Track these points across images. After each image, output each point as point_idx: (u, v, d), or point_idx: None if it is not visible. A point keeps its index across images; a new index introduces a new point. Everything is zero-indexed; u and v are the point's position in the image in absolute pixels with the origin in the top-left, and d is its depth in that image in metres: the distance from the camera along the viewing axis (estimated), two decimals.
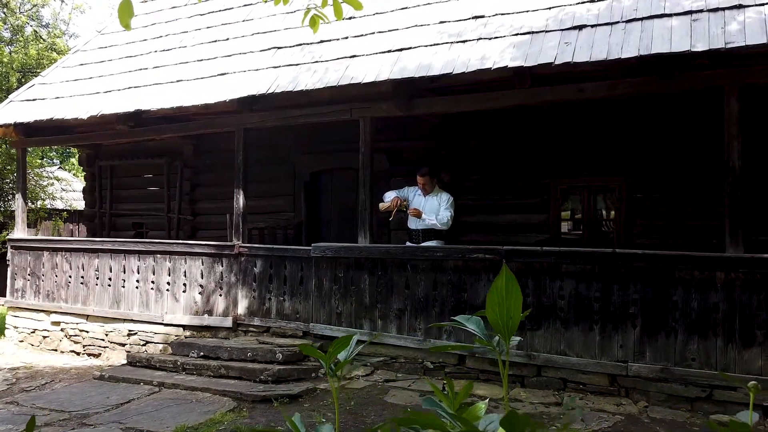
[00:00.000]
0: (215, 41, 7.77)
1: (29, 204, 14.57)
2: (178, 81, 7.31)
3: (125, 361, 6.41)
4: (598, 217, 6.73)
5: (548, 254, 5.24)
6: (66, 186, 17.02)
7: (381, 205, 6.28)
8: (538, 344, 5.26)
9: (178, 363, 5.92)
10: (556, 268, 5.22)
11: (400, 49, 5.90)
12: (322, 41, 6.63)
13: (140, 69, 7.98)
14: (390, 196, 6.35)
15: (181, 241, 7.65)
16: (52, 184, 15.21)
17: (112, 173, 9.97)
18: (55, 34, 17.68)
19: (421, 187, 6.22)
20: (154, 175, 9.68)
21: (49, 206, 15.46)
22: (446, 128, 7.28)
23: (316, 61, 6.39)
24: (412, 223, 6.25)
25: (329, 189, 8.42)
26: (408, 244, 6.30)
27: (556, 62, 4.90)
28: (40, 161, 16.44)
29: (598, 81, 5.24)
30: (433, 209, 6.16)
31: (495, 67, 5.14)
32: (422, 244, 6.11)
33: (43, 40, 17.19)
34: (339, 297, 6.18)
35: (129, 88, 7.65)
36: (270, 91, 6.25)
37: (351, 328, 6.10)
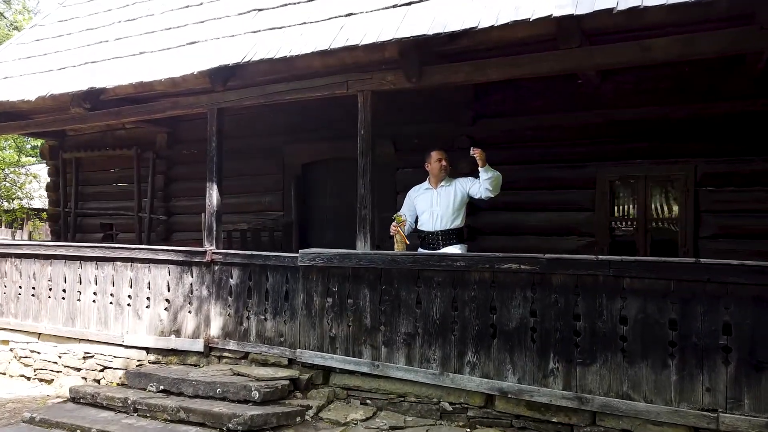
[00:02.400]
0: (187, 6, 6.54)
1: (4, 204, 13.41)
2: (140, 53, 6.08)
3: (68, 396, 5.17)
4: (656, 215, 5.43)
5: (605, 265, 3.97)
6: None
7: (391, 229, 5.03)
8: (592, 384, 3.99)
9: (129, 401, 4.67)
10: (616, 283, 3.95)
11: (409, 3, 4.64)
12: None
13: (100, 42, 6.75)
14: (402, 211, 5.11)
15: (144, 247, 6.41)
16: (30, 182, 14.02)
17: (77, 167, 8.76)
18: (17, 10, 16.38)
19: (437, 168, 4.93)
20: (123, 169, 8.44)
21: (27, 206, 14.28)
22: (465, 106, 6.01)
23: (304, 23, 5.14)
24: (427, 224, 4.98)
25: (324, 184, 7.15)
26: (420, 250, 5.04)
27: (619, 7, 3.63)
28: (17, 157, 15.23)
29: (670, 35, 3.95)
30: (448, 202, 4.90)
31: (534, 18, 3.87)
32: (441, 251, 4.84)
33: (4, 17, 15.87)
34: (333, 316, 4.93)
35: (85, 63, 6.42)
36: (246, 60, 5.01)
37: (347, 356, 4.84)
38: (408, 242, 4.92)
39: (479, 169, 4.75)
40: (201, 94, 5.77)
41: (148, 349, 5.87)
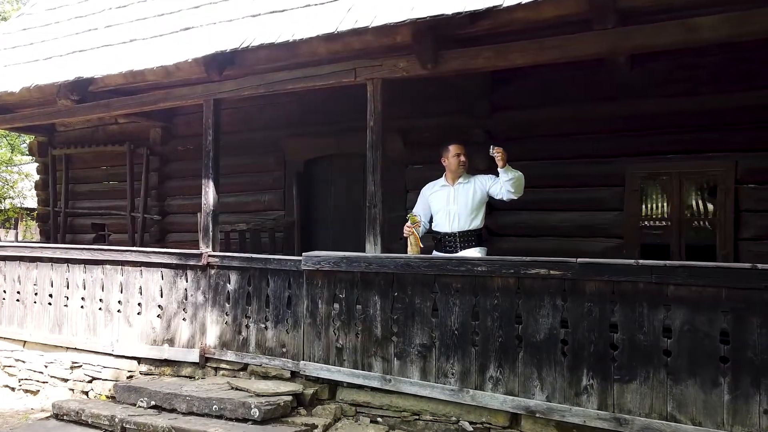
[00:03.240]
0: None
1: None
2: (131, 41, 5.66)
3: (52, 412, 4.75)
4: (691, 215, 4.99)
5: (647, 270, 3.55)
6: None
7: (404, 230, 4.62)
8: (632, 403, 3.57)
9: (117, 420, 4.25)
10: (658, 291, 3.53)
11: None
12: None
13: (89, 30, 6.33)
14: (416, 211, 4.69)
15: (135, 249, 6.00)
16: (22, 180, 13.58)
17: (67, 164, 8.32)
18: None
19: (455, 163, 4.51)
20: (115, 166, 8.00)
21: (19, 205, 13.84)
22: (481, 96, 5.58)
23: (308, 5, 4.72)
24: (444, 224, 4.56)
25: (329, 181, 6.72)
26: (435, 253, 4.61)
27: None
28: (9, 155, 14.79)
29: (716, 14, 3.52)
30: (467, 200, 4.48)
31: None
32: (459, 254, 4.42)
33: None
34: (340, 326, 4.51)
35: (73, 52, 6.00)
36: (245, 46, 4.58)
37: (356, 369, 4.42)
38: (422, 245, 4.49)
39: (499, 169, 4.32)
40: (196, 84, 5.35)
41: (139, 359, 5.45)
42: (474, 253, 4.45)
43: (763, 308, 3.29)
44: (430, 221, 4.69)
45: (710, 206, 4.84)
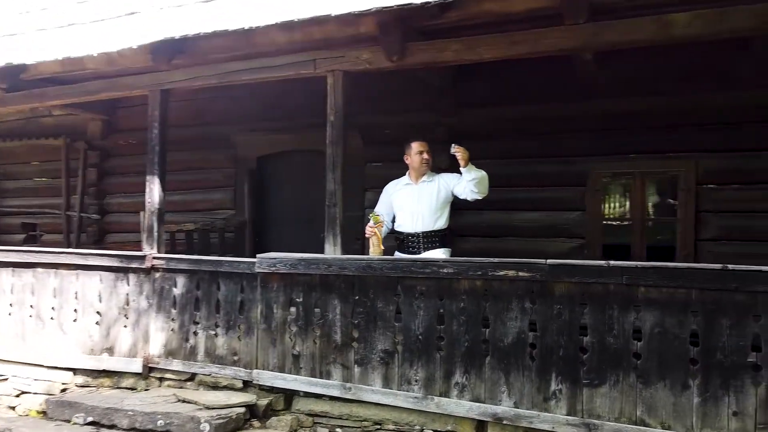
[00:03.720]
0: None
1: None
2: (69, 25, 5.22)
3: None
4: (654, 215, 4.99)
5: (617, 272, 3.47)
6: None
7: (366, 230, 4.40)
8: (602, 407, 3.48)
9: None
10: (629, 293, 3.45)
11: None
12: None
13: (22, 13, 5.83)
14: (378, 210, 4.49)
15: (71, 251, 5.56)
16: None
17: None
18: None
19: (418, 161, 4.33)
20: (49, 161, 7.44)
21: None
22: (444, 93, 5.44)
23: None
24: (407, 224, 4.38)
25: (283, 179, 6.43)
26: (398, 254, 4.42)
27: None
28: None
29: (690, 11, 3.48)
30: (431, 199, 4.31)
31: None
32: (422, 255, 4.25)
33: None
34: (297, 331, 4.26)
35: (2, 37, 5.50)
36: (196, 33, 4.26)
37: (314, 378, 4.19)
38: (383, 247, 4.30)
39: (461, 168, 4.17)
40: (142, 73, 4.99)
41: (75, 370, 5.02)
42: (438, 254, 4.29)
43: (732, 309, 3.25)
44: (393, 221, 4.50)
45: (672, 206, 4.85)
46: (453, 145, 4.14)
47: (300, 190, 6.28)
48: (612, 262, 3.52)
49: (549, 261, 3.63)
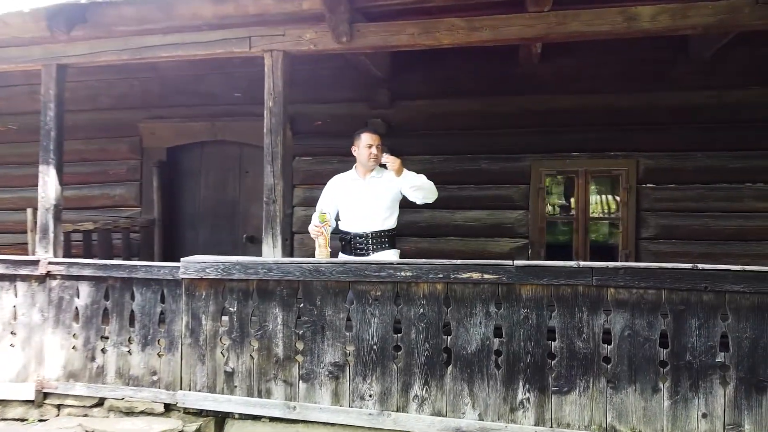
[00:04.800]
0: None
1: None
2: None
3: None
4: (597, 214, 4.96)
5: (587, 273, 3.32)
6: None
7: (311, 230, 3.93)
8: (571, 416, 3.32)
9: None
10: (598, 295, 3.32)
11: None
12: None
13: None
14: (321, 207, 4.04)
15: None
16: None
17: None
18: None
19: (366, 155, 3.93)
20: None
21: None
22: (381, 84, 5.10)
23: None
24: (354, 223, 3.98)
25: (198, 172, 5.78)
26: (343, 257, 4.02)
27: None
28: None
29: (656, 4, 3.40)
30: (381, 197, 3.95)
31: None
32: (372, 257, 3.88)
33: None
34: (230, 345, 3.74)
35: None
36: None
37: (251, 397, 3.70)
38: (330, 249, 3.89)
39: (396, 177, 3.84)
40: (34, 44, 4.19)
41: None
42: (389, 255, 3.95)
43: (701, 309, 3.21)
44: (336, 219, 4.10)
45: (613, 205, 4.85)
46: (384, 155, 3.84)
47: (218, 186, 5.67)
48: (582, 263, 3.36)
49: (516, 262, 3.41)
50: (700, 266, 3.24)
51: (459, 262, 3.49)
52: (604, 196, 5.05)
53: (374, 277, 3.55)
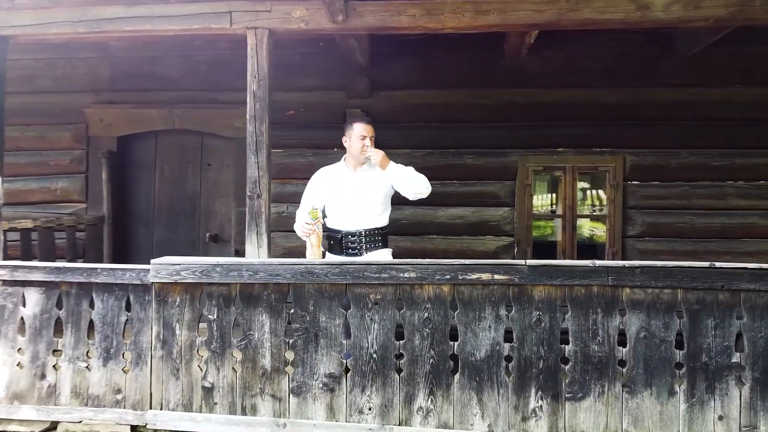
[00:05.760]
0: None
1: None
2: None
3: None
4: (584, 212, 4.85)
5: (603, 272, 3.16)
6: None
7: (300, 228, 3.58)
8: (585, 423, 3.15)
9: None
10: (613, 295, 3.17)
11: None
12: None
13: None
14: (303, 205, 3.70)
15: None
16: None
17: None
18: None
19: (358, 147, 3.60)
20: None
21: None
22: (360, 72, 4.79)
23: None
24: (345, 221, 3.64)
25: (153, 165, 5.25)
26: (332, 257, 3.69)
27: None
28: None
29: None
30: (374, 192, 3.65)
31: None
32: (366, 258, 3.58)
33: None
34: (209, 357, 3.34)
35: None
36: None
37: (234, 415, 3.32)
38: (323, 249, 3.56)
39: (382, 171, 3.57)
40: None
41: None
42: (383, 255, 3.66)
43: (717, 309, 3.12)
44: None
45: (600, 202, 4.77)
46: (367, 148, 3.56)
47: (175, 180, 5.17)
48: (598, 262, 3.20)
49: (528, 262, 3.21)
50: (717, 264, 3.15)
51: (468, 262, 3.25)
52: (592, 193, 4.96)
53: (374, 279, 3.25)
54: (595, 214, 4.96)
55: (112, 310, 3.41)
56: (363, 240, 3.62)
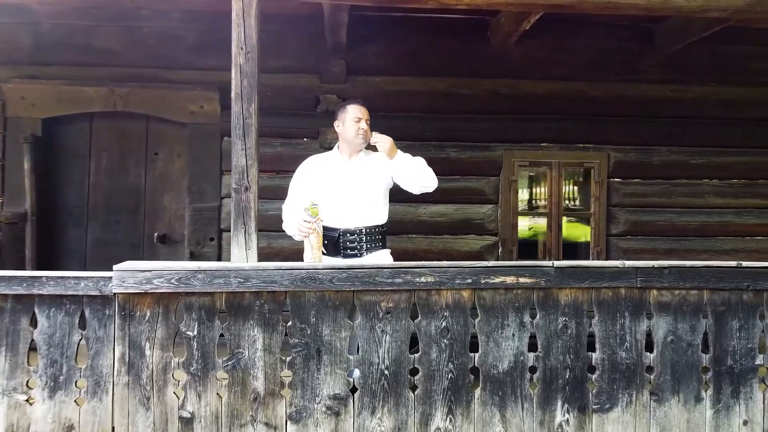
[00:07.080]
0: None
1: None
2: None
3: None
4: (569, 209, 4.69)
5: (632, 273, 2.96)
6: None
7: (297, 226, 3.09)
8: None
9: None
10: (641, 298, 2.98)
11: None
12: None
13: None
14: (293, 201, 3.23)
15: None
16: None
17: None
18: None
19: (353, 132, 3.19)
20: None
21: None
22: (334, 54, 4.34)
23: None
24: (341, 217, 3.20)
25: (86, 153, 4.48)
26: (329, 260, 3.23)
27: None
28: None
29: None
30: (372, 183, 3.25)
31: None
32: (366, 259, 3.16)
33: None
34: (189, 381, 2.80)
35: None
36: None
37: None
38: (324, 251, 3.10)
39: (389, 161, 3.23)
40: None
41: None
42: (384, 257, 3.27)
43: (742, 310, 3.03)
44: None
45: (584, 199, 4.63)
46: (374, 134, 3.19)
47: (115, 171, 4.46)
48: (627, 263, 3.00)
49: (555, 263, 2.95)
50: (744, 264, 3.05)
51: (491, 264, 2.94)
52: (577, 189, 4.83)
53: (387, 285, 2.85)
54: (582, 212, 4.82)
55: (62, 329, 2.77)
56: (363, 239, 3.20)
